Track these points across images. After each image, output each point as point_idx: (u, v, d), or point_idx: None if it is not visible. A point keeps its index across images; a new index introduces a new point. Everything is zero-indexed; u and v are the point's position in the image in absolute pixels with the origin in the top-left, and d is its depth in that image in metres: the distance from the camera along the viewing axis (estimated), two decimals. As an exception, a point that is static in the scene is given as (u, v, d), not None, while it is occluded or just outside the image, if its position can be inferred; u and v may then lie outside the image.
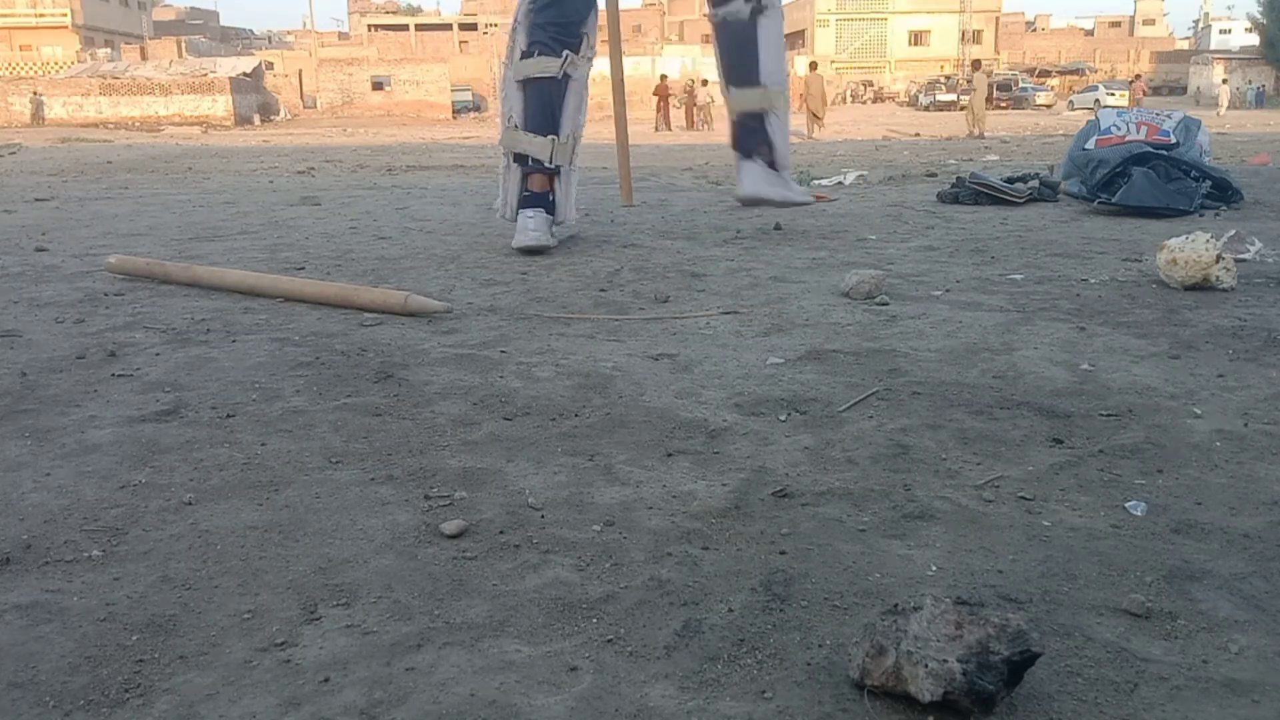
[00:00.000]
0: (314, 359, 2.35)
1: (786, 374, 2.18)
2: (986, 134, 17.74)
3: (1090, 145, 5.33)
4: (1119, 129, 5.38)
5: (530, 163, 3.86)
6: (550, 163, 3.84)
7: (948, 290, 3.08)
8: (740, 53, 3.96)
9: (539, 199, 3.92)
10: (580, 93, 3.91)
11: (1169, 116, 5.43)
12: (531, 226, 3.84)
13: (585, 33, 3.84)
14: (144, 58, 40.34)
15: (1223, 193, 4.89)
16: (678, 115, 27.43)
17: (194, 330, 2.67)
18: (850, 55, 48.47)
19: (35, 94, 31.20)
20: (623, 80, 5.86)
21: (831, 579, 1.26)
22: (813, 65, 24.37)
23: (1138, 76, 32.57)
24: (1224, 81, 33.98)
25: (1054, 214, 4.90)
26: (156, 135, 22.60)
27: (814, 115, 20.35)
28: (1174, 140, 5.15)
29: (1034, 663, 0.99)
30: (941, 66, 46.14)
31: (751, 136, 4.05)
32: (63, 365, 2.33)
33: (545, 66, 3.79)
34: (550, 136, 3.82)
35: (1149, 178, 4.70)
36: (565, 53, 3.79)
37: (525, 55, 3.83)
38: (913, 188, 6.58)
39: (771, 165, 4.05)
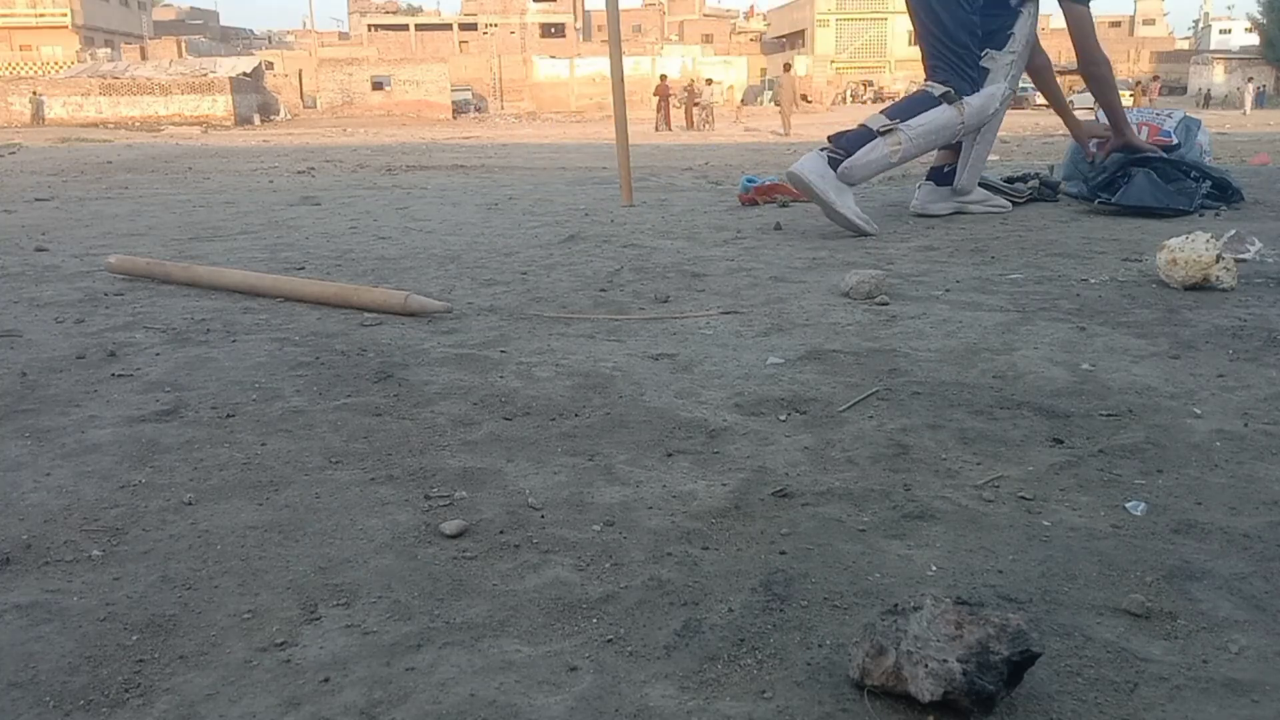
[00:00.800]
0: (314, 359, 2.35)
1: (786, 374, 2.18)
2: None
3: (1092, 145, 5.33)
4: None
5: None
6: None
7: (948, 290, 3.08)
8: (909, 101, 4.65)
9: (933, 173, 5.11)
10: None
11: (1169, 116, 5.42)
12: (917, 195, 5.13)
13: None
14: (144, 58, 40.36)
15: (1223, 193, 4.88)
16: (678, 115, 27.44)
17: (194, 330, 2.67)
18: (850, 55, 48.48)
19: (35, 94, 31.20)
20: (622, 80, 5.87)
21: (831, 579, 1.26)
22: (786, 67, 25.14)
23: (1155, 78, 32.67)
24: (1249, 80, 33.82)
25: (1054, 214, 4.90)
26: (156, 135, 22.61)
27: (784, 116, 20.92)
28: (1175, 140, 5.14)
29: (1034, 663, 0.99)
30: (941, 66, 46.12)
31: (849, 139, 4.42)
32: (63, 365, 2.33)
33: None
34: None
35: (1149, 178, 4.69)
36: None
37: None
38: (912, 187, 6.58)
39: (833, 164, 4.35)
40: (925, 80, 4.69)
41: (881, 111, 4.56)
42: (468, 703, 1.02)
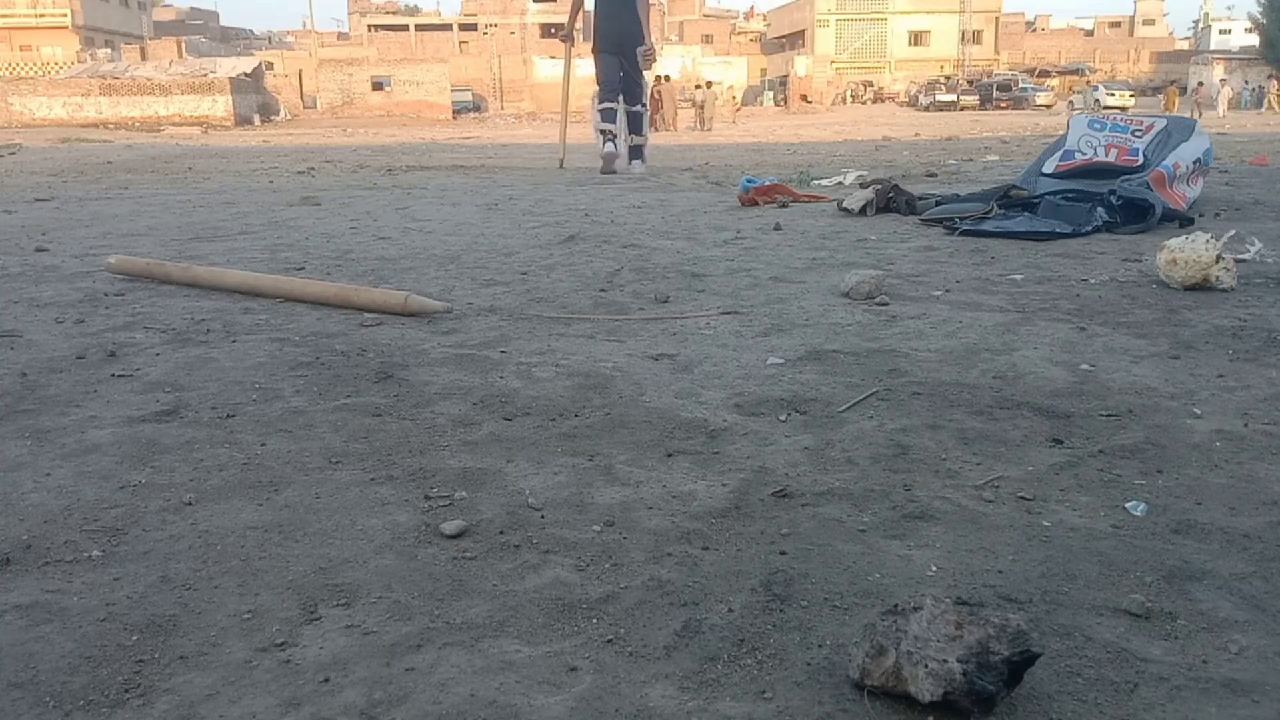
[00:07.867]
0: (314, 359, 2.35)
1: (786, 374, 2.18)
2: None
3: (1050, 169, 4.90)
4: (1084, 152, 4.91)
5: (611, 135, 8.74)
6: (616, 135, 8.81)
7: (948, 290, 3.08)
8: (634, 82, 8.80)
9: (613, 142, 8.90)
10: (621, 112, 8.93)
11: (1150, 130, 4.93)
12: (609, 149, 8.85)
13: (621, 88, 8.75)
14: (144, 58, 40.34)
15: (1140, 215, 4.30)
16: (684, 115, 27.40)
17: (194, 330, 2.67)
18: (850, 55, 48.48)
19: None
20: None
21: (831, 579, 1.26)
22: (666, 78, 27.39)
23: (1173, 83, 32.89)
24: (1223, 81, 33.74)
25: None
26: (156, 135, 22.60)
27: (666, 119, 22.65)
28: (1140, 160, 4.69)
29: (1034, 663, 0.99)
30: (941, 67, 46.17)
31: (638, 125, 8.88)
32: (63, 365, 2.33)
33: (610, 101, 8.81)
34: (610, 125, 8.77)
35: (1047, 205, 4.35)
36: (619, 97, 8.79)
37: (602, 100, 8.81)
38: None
39: (638, 152, 8.94)
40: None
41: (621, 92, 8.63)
42: (468, 703, 1.02)
